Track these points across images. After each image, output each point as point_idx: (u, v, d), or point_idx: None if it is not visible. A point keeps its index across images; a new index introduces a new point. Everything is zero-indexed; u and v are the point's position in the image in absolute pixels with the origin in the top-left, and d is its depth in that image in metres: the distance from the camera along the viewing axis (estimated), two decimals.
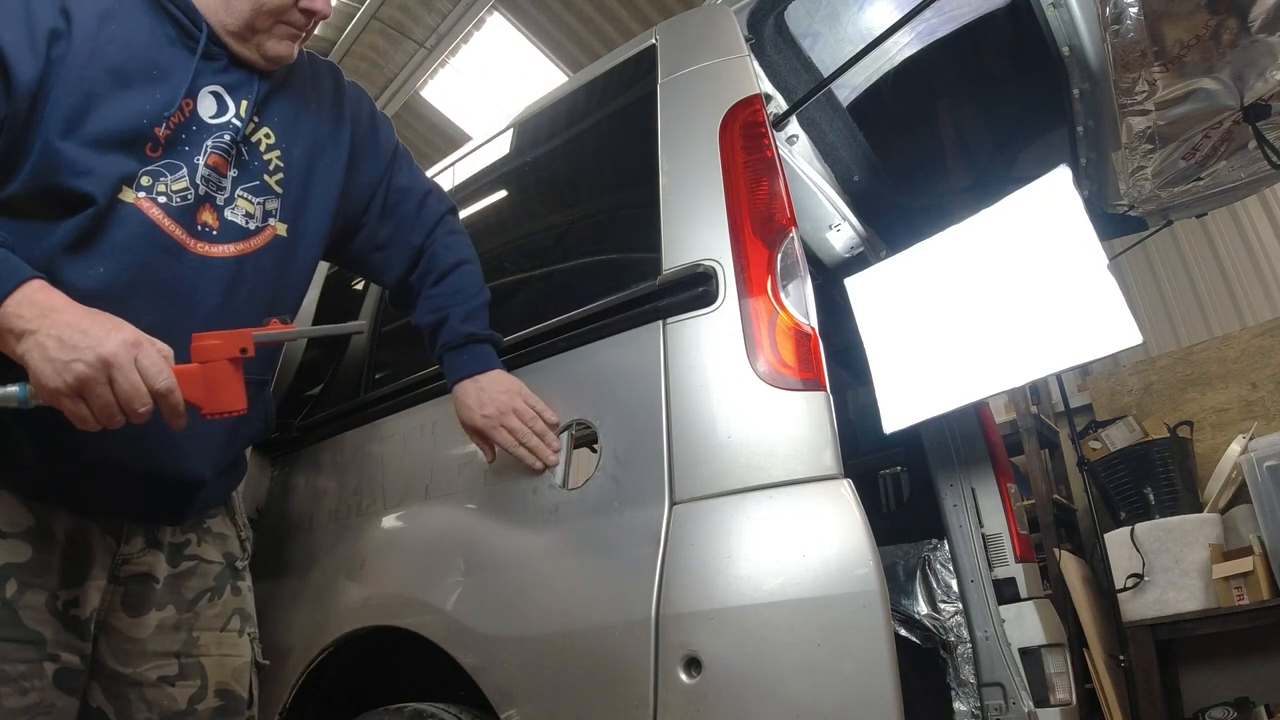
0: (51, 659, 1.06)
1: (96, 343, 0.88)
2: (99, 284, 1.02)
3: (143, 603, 1.17)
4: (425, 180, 1.48)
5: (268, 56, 1.16)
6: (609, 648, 1.09)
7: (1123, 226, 2.41)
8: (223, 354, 0.97)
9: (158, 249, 1.07)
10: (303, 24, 1.16)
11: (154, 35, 1.10)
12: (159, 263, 1.07)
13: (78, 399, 0.89)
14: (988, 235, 1.95)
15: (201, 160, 1.11)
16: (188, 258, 1.10)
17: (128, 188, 1.06)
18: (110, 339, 0.89)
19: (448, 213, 1.47)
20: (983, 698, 2.20)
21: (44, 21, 1.01)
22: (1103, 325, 1.68)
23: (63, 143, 1.01)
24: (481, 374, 1.31)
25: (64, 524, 1.11)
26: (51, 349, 0.88)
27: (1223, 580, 3.16)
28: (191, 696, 1.19)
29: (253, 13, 1.12)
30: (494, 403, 1.27)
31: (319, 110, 1.29)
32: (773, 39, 1.82)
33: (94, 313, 0.92)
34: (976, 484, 2.42)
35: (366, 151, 1.36)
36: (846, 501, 1.07)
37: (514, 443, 1.27)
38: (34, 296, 0.91)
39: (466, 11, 5.24)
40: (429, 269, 1.40)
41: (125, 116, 1.05)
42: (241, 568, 1.32)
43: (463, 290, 1.38)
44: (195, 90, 1.12)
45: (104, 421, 0.91)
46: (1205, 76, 1.74)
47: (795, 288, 1.21)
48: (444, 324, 1.35)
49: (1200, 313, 4.23)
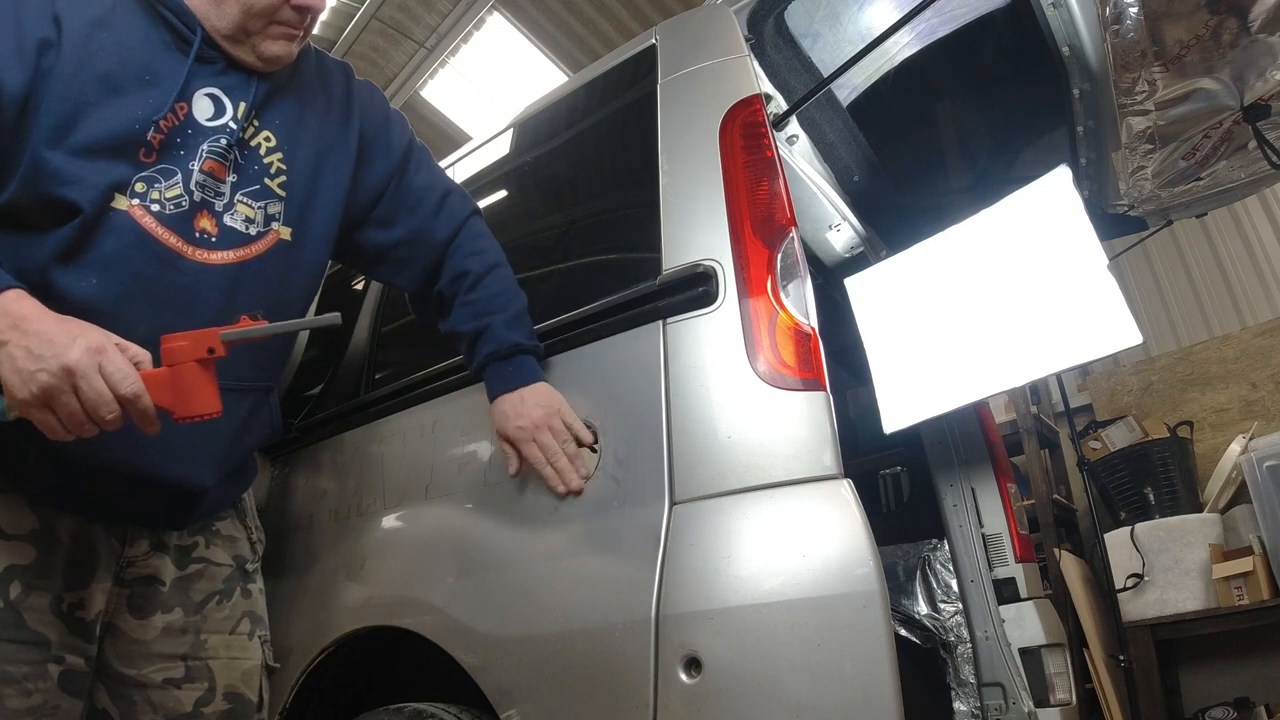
0: (56, 661, 1.06)
1: (61, 351, 0.87)
2: (91, 295, 1.01)
3: (148, 605, 1.17)
4: (446, 180, 1.43)
5: (264, 58, 1.13)
6: (609, 648, 1.09)
7: (1123, 226, 2.41)
8: (190, 355, 0.94)
9: (152, 258, 1.05)
10: (297, 22, 1.13)
11: (148, 40, 1.08)
12: (153, 272, 1.05)
13: (45, 409, 0.88)
14: (988, 235, 1.95)
15: (196, 165, 1.09)
16: (185, 265, 1.08)
17: (121, 195, 1.04)
18: (74, 347, 0.87)
19: (473, 214, 1.42)
20: (983, 698, 2.20)
21: (33, 31, 1.00)
22: (1103, 325, 1.68)
23: (50, 152, 1.00)
24: (525, 386, 1.27)
25: (68, 527, 1.11)
26: (20, 359, 0.87)
27: (1223, 580, 3.17)
28: (198, 699, 1.19)
29: (242, 14, 1.10)
30: (530, 416, 1.23)
31: (326, 110, 1.27)
32: (773, 39, 1.81)
33: (64, 321, 0.91)
34: (976, 484, 2.42)
35: (377, 150, 1.33)
36: (846, 501, 1.07)
37: (543, 460, 1.22)
38: (7, 307, 0.89)
39: (466, 11, 5.25)
40: (462, 273, 1.34)
41: (116, 122, 1.03)
42: (252, 570, 1.32)
43: (502, 294, 1.33)
44: (189, 93, 1.10)
45: (74, 430, 0.90)
46: (1205, 76, 1.74)
47: (795, 288, 1.21)
48: (486, 331, 1.29)
49: (1200, 313, 4.23)
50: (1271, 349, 3.80)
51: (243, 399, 1.19)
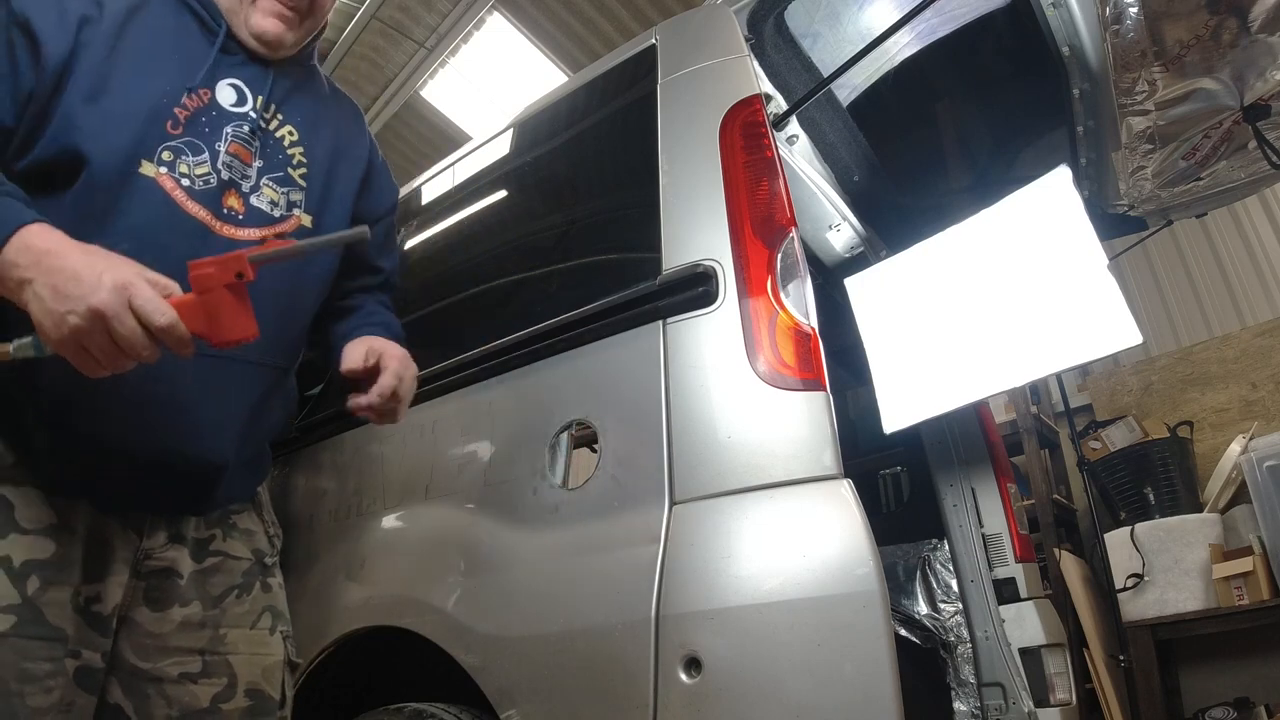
0: (73, 655, 1.06)
1: (88, 291, 0.86)
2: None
3: (165, 598, 1.16)
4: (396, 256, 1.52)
5: (254, 32, 1.18)
6: (609, 648, 1.09)
7: (1123, 226, 2.41)
8: (219, 280, 0.92)
9: (181, 230, 1.08)
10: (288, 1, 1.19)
11: (178, 26, 1.16)
12: (183, 246, 1.06)
13: (80, 350, 0.88)
14: (988, 235, 1.95)
15: (223, 146, 1.14)
16: (213, 240, 1.11)
17: (147, 161, 1.07)
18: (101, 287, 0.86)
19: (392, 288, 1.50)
20: (983, 698, 2.20)
21: (75, 8, 1.07)
22: (1103, 325, 1.68)
23: (82, 108, 1.04)
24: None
25: (85, 519, 1.10)
26: (48, 300, 0.86)
27: (1223, 580, 3.16)
28: (216, 695, 1.18)
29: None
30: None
31: (338, 122, 1.33)
32: (773, 39, 1.82)
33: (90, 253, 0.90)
34: (976, 484, 2.43)
35: (378, 183, 1.40)
36: (846, 501, 1.07)
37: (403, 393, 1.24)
38: (30, 242, 0.89)
39: (466, 11, 5.24)
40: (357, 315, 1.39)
41: (145, 94, 1.09)
42: (271, 564, 1.31)
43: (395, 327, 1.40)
44: (214, 80, 1.16)
45: (112, 367, 0.90)
46: (1205, 76, 1.74)
47: (795, 288, 1.21)
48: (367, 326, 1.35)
49: (1200, 313, 4.22)
50: (1271, 349, 3.80)
51: (264, 375, 1.22)
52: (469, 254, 1.89)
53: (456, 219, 1.96)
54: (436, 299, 1.86)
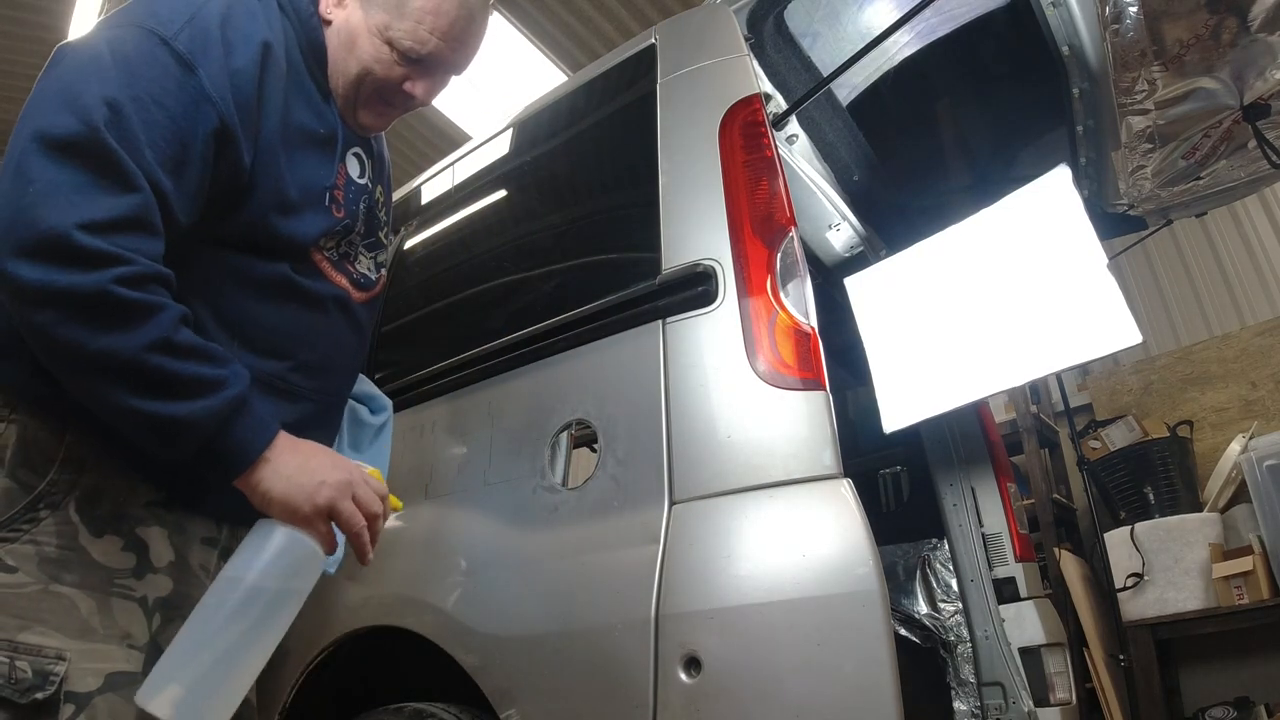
0: None
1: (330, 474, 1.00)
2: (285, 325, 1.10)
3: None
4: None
5: (359, 123, 1.20)
6: (609, 647, 1.09)
7: (1123, 226, 2.41)
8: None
9: (334, 301, 1.16)
10: (400, 105, 1.20)
11: (310, 100, 1.13)
12: (335, 313, 1.16)
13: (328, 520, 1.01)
14: (988, 235, 1.95)
15: (360, 219, 1.19)
16: (353, 307, 1.19)
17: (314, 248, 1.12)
18: (333, 475, 1.00)
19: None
20: (983, 697, 2.20)
21: (249, 107, 1.03)
22: (1103, 325, 1.68)
23: (277, 218, 1.06)
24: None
25: (198, 556, 1.14)
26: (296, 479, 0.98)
27: (1223, 580, 3.16)
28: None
29: (359, 76, 1.15)
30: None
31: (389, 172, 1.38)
32: (772, 38, 1.82)
33: (315, 451, 1.02)
34: (976, 483, 2.42)
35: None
36: (846, 501, 1.07)
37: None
38: (297, 445, 1.00)
39: None
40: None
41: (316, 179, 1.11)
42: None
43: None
44: (344, 153, 1.17)
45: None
46: (1205, 76, 1.73)
47: (795, 287, 1.21)
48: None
49: (1200, 312, 4.22)
50: (1271, 348, 3.79)
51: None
52: (469, 254, 1.89)
53: (456, 219, 1.96)
54: (436, 299, 1.86)
